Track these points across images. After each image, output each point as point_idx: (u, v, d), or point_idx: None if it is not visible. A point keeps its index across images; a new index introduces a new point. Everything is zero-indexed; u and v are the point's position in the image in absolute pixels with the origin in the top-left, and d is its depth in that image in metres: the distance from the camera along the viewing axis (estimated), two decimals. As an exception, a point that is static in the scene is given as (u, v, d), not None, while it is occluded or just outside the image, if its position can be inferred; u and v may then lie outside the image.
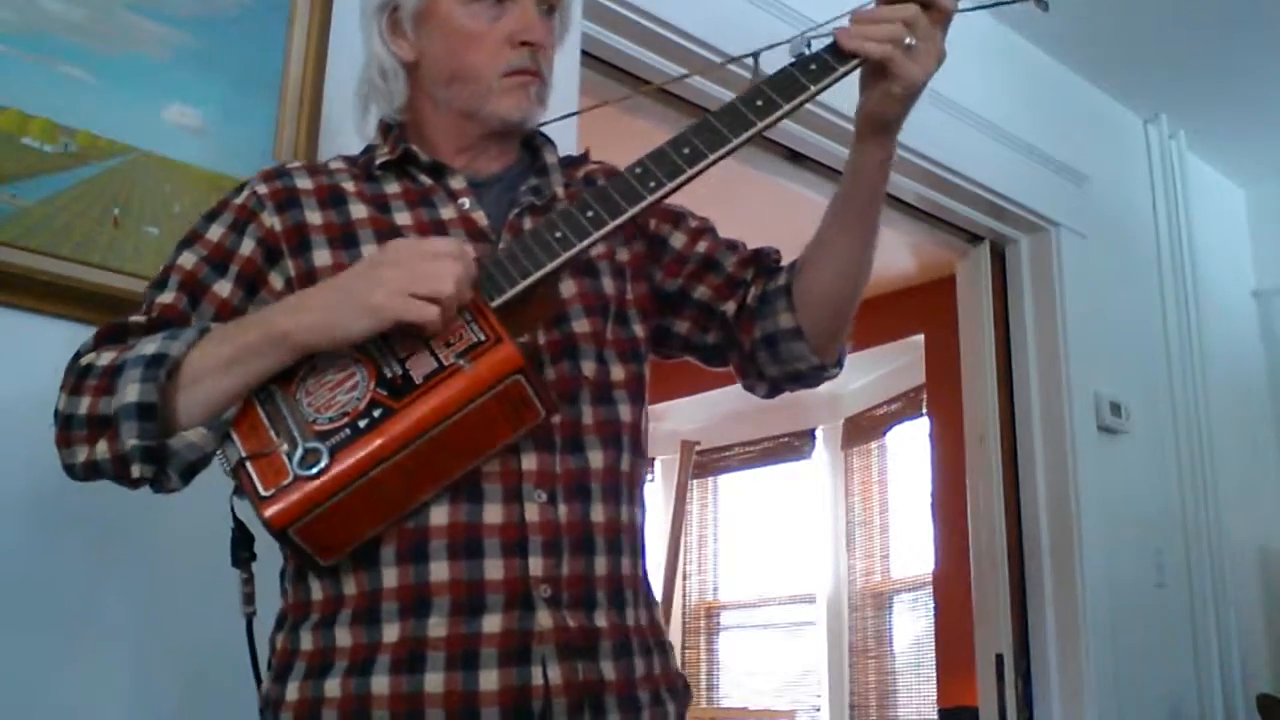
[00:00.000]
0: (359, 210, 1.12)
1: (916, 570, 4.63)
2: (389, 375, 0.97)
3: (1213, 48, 3.05)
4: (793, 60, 1.09)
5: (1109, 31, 3.00)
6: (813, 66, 1.08)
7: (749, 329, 1.21)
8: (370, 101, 1.22)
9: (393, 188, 1.15)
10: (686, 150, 1.06)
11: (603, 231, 1.03)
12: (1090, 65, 3.17)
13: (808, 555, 5.33)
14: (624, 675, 1.05)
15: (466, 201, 1.14)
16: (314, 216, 1.11)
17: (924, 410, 4.50)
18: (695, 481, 5.71)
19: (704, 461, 5.74)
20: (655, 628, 1.13)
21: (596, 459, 1.09)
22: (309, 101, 1.60)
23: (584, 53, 2.02)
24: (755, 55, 1.15)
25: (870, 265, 1.19)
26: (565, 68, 1.94)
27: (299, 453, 0.94)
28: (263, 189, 1.13)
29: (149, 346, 0.99)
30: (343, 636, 1.01)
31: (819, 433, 5.39)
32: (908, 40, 1.05)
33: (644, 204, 1.04)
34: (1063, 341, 2.93)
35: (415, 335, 0.97)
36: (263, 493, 0.93)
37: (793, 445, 5.50)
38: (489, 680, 0.98)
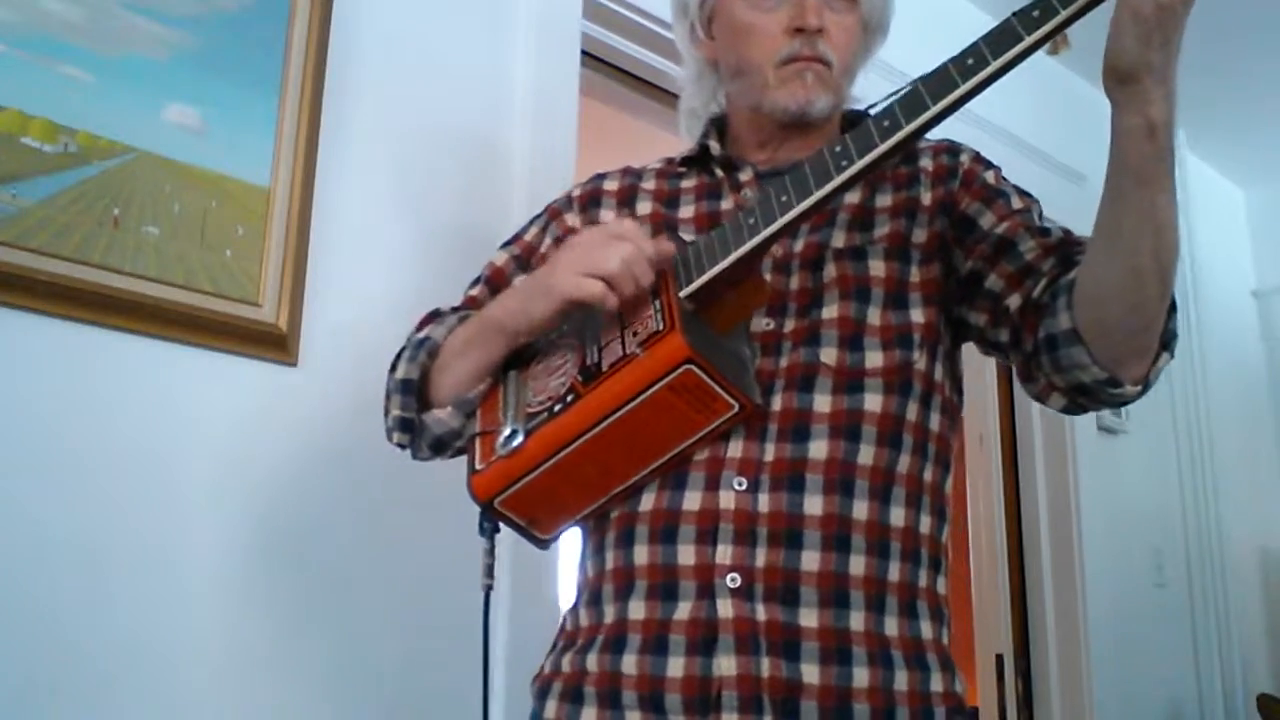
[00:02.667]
0: (645, 206, 1.19)
1: (916, 570, 4.63)
2: (589, 363, 1.01)
3: (1213, 48, 3.05)
4: (1016, 10, 0.93)
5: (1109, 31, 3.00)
6: (1035, 13, 0.91)
7: (1032, 327, 1.04)
8: (694, 114, 1.26)
9: (689, 182, 1.20)
10: (887, 123, 0.96)
11: (789, 216, 0.98)
12: (1090, 65, 3.15)
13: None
14: (834, 682, 0.97)
15: (749, 192, 1.15)
16: (609, 215, 1.19)
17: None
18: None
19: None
20: (915, 642, 1.02)
21: (820, 449, 1.02)
22: (309, 101, 1.60)
23: (584, 53, 2.02)
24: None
25: (1167, 261, 0.95)
26: (565, 69, 1.95)
27: (506, 432, 1.01)
28: (576, 191, 1.24)
29: (425, 331, 1.14)
30: (583, 616, 1.09)
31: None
32: None
33: (832, 185, 0.97)
34: (1063, 341, 2.93)
35: (618, 321, 1.01)
36: (475, 466, 1.03)
37: (793, 445, 5.49)
38: (675, 667, 0.99)
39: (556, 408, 1.00)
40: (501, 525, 1.07)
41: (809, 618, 0.99)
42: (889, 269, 1.10)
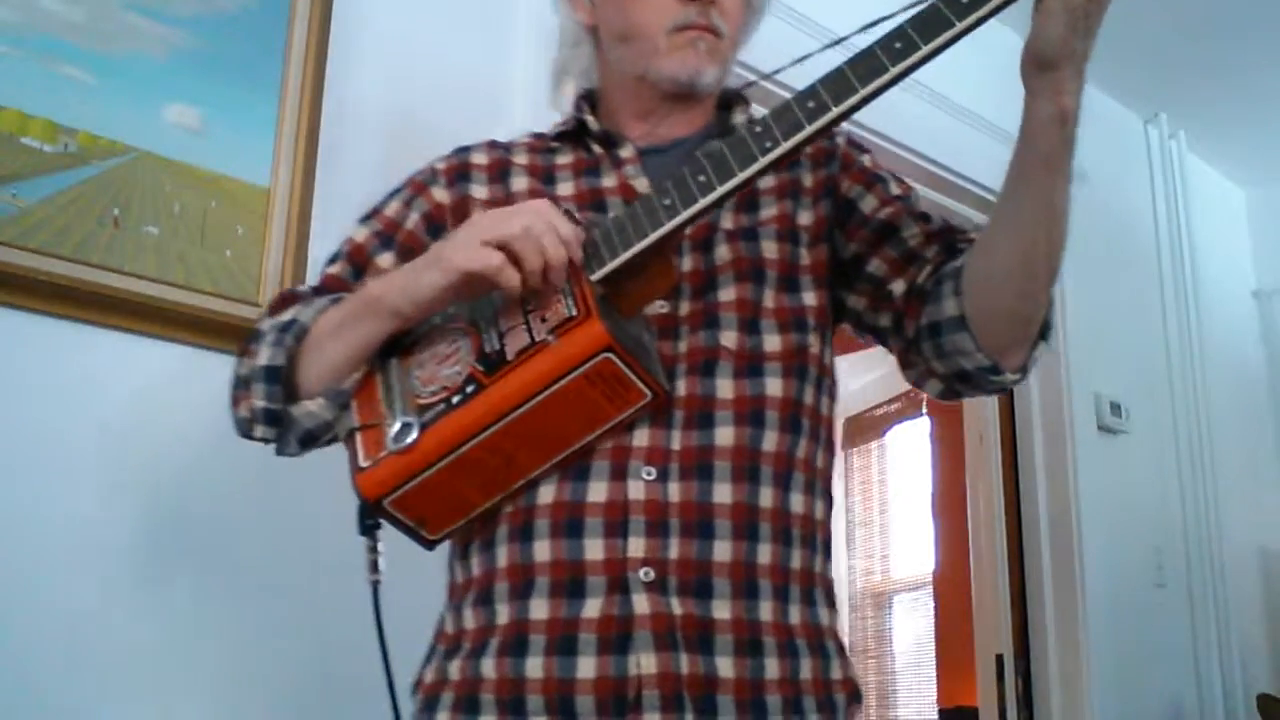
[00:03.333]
0: (520, 182, 1.12)
1: (916, 570, 4.63)
2: (487, 350, 0.95)
3: (1212, 48, 3.05)
4: None
5: (1109, 32, 2.99)
6: None
7: (915, 313, 1.05)
8: (566, 73, 1.20)
9: (565, 158, 1.14)
10: (811, 104, 0.93)
11: (709, 199, 0.94)
12: (1090, 65, 3.16)
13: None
14: (747, 674, 0.95)
15: (631, 169, 1.10)
16: (480, 190, 1.12)
17: (924, 410, 4.49)
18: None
19: (704, 461, 5.73)
20: (813, 628, 1.02)
21: (726, 436, 0.99)
22: (309, 101, 1.60)
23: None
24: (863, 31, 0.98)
25: (1054, 251, 0.98)
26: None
27: (396, 426, 0.93)
28: (441, 165, 1.15)
29: (289, 313, 1.02)
30: (469, 618, 1.01)
31: (819, 433, 5.38)
32: None
33: (756, 167, 0.94)
34: (1063, 341, 2.93)
35: (519, 307, 0.95)
36: (360, 464, 0.94)
37: (793, 445, 5.49)
38: (586, 668, 0.93)
39: (455, 399, 0.92)
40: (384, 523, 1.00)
41: (722, 610, 0.96)
42: (781, 251, 1.08)
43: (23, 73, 1.37)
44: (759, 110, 1.10)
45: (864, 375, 4.93)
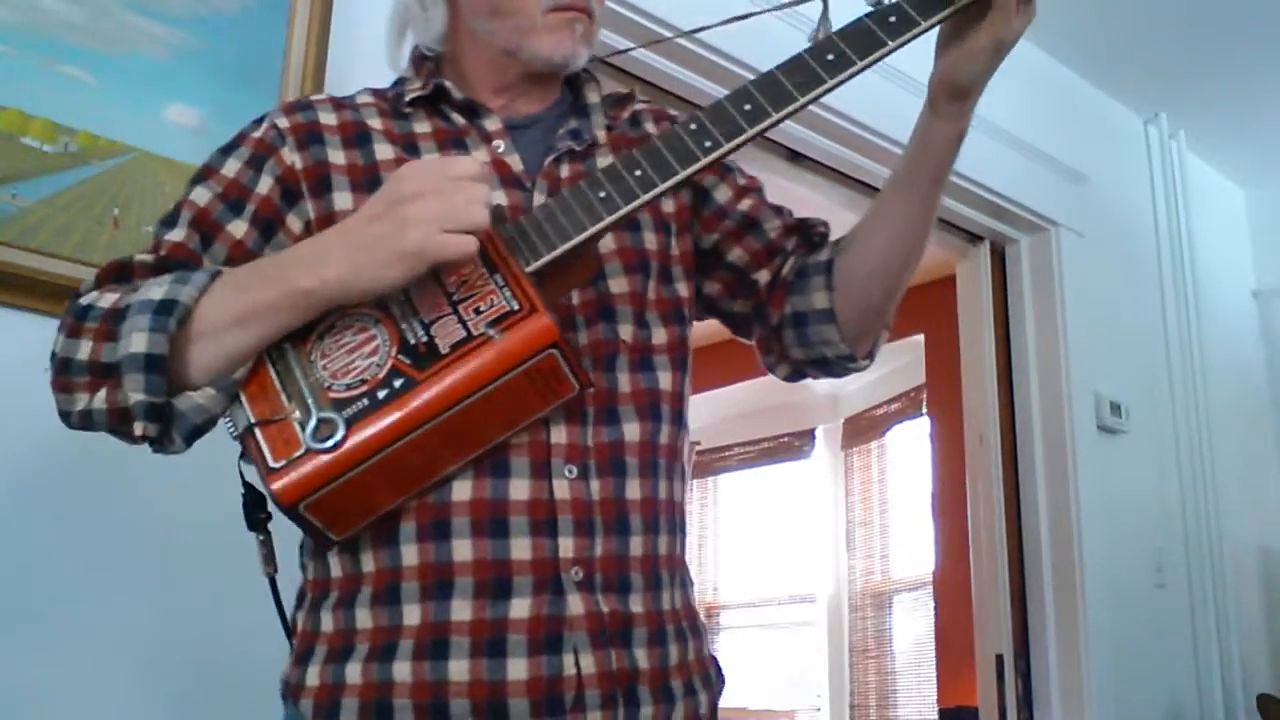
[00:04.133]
0: (385, 150, 1.04)
1: (916, 570, 4.63)
2: (412, 341, 0.89)
3: (1213, 48, 3.05)
4: (869, 10, 0.99)
5: (1109, 31, 3.00)
6: (892, 19, 0.98)
7: (780, 302, 1.11)
8: (405, 30, 1.14)
9: (423, 126, 1.07)
10: (748, 107, 0.96)
11: (650, 195, 0.94)
12: (1090, 65, 3.17)
13: (808, 555, 5.33)
14: (658, 664, 0.97)
15: (501, 144, 1.06)
16: (336, 156, 1.03)
17: (924, 410, 4.50)
18: (695, 481, 5.71)
19: (704, 461, 5.75)
20: (690, 611, 1.04)
21: (633, 431, 1.00)
22: (309, 101, 1.60)
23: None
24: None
25: (921, 253, 1.09)
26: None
27: (313, 423, 0.86)
28: (283, 122, 1.05)
29: (156, 290, 0.89)
30: (363, 618, 0.94)
31: (819, 432, 5.39)
32: None
33: (698, 165, 0.95)
34: (1063, 341, 2.93)
35: (443, 291, 0.90)
36: (272, 464, 0.85)
37: (793, 445, 5.50)
38: (517, 669, 0.91)
39: (381, 394, 0.86)
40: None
41: (637, 603, 0.97)
42: (658, 241, 1.09)
43: (23, 73, 1.37)
44: (611, 87, 1.15)
45: (864, 376, 4.94)
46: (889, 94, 2.44)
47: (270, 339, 0.90)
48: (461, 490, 0.93)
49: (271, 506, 0.90)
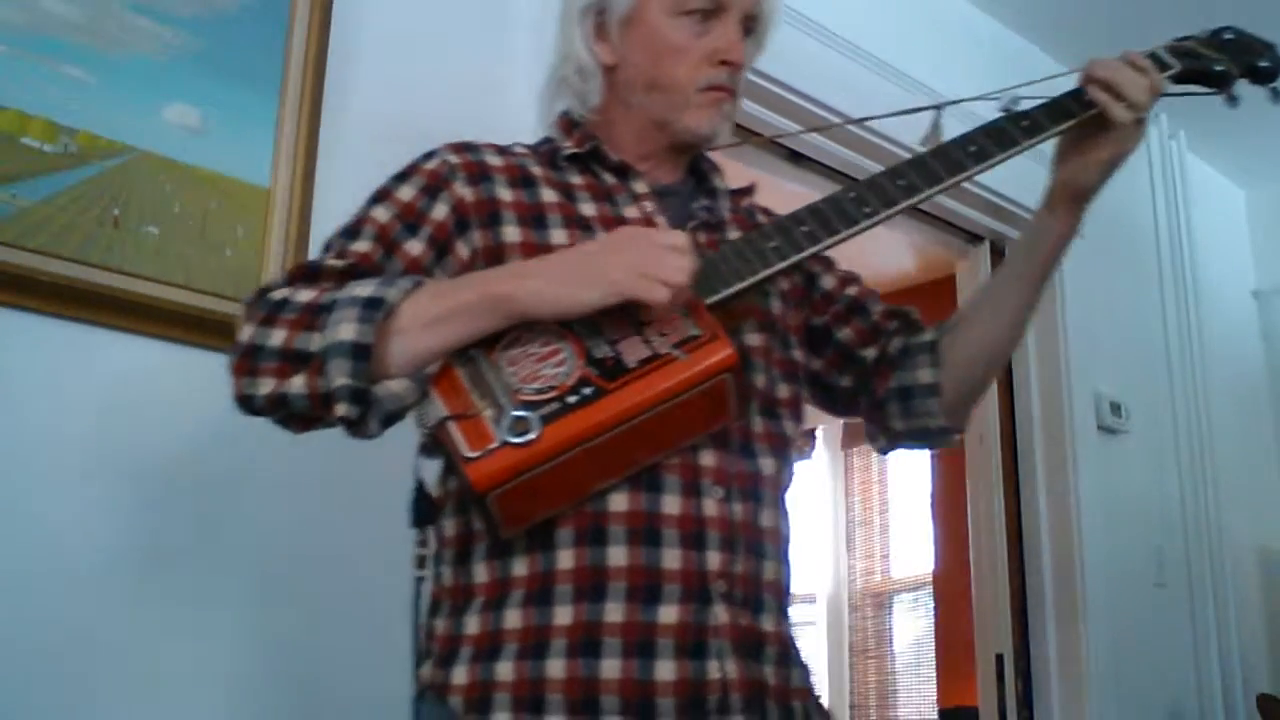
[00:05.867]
0: (548, 194, 1.14)
1: (916, 570, 4.63)
2: (599, 356, 0.97)
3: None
4: (1001, 114, 1.17)
5: (1109, 31, 3.00)
6: (1024, 123, 1.14)
7: (885, 378, 1.23)
8: (558, 96, 1.24)
9: (576, 179, 1.17)
10: (902, 182, 1.11)
11: (815, 248, 1.07)
12: (1081, 58, 3.17)
13: (808, 555, 5.33)
14: (782, 682, 1.06)
15: (649, 205, 1.16)
16: (504, 193, 1.12)
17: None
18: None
19: (704, 461, 5.73)
20: (796, 642, 1.12)
21: (766, 466, 1.10)
22: (309, 101, 1.60)
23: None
24: (939, 107, 1.29)
25: (1022, 337, 1.23)
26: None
27: (507, 419, 0.93)
28: (454, 159, 1.14)
29: (363, 289, 0.97)
30: (512, 619, 1.01)
31: (819, 433, 5.39)
32: (1144, 114, 1.12)
33: (859, 227, 1.08)
34: (1063, 341, 2.93)
35: (629, 320, 0.98)
36: (467, 454, 0.93)
37: (793, 445, 5.49)
38: (665, 670, 0.98)
39: (571, 399, 0.95)
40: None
41: (767, 622, 1.06)
42: (779, 308, 1.20)
43: (23, 73, 1.37)
44: (723, 170, 1.27)
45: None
46: (889, 94, 2.44)
47: (463, 340, 0.98)
48: (618, 502, 1.01)
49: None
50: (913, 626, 4.69)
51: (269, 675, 1.48)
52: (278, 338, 0.97)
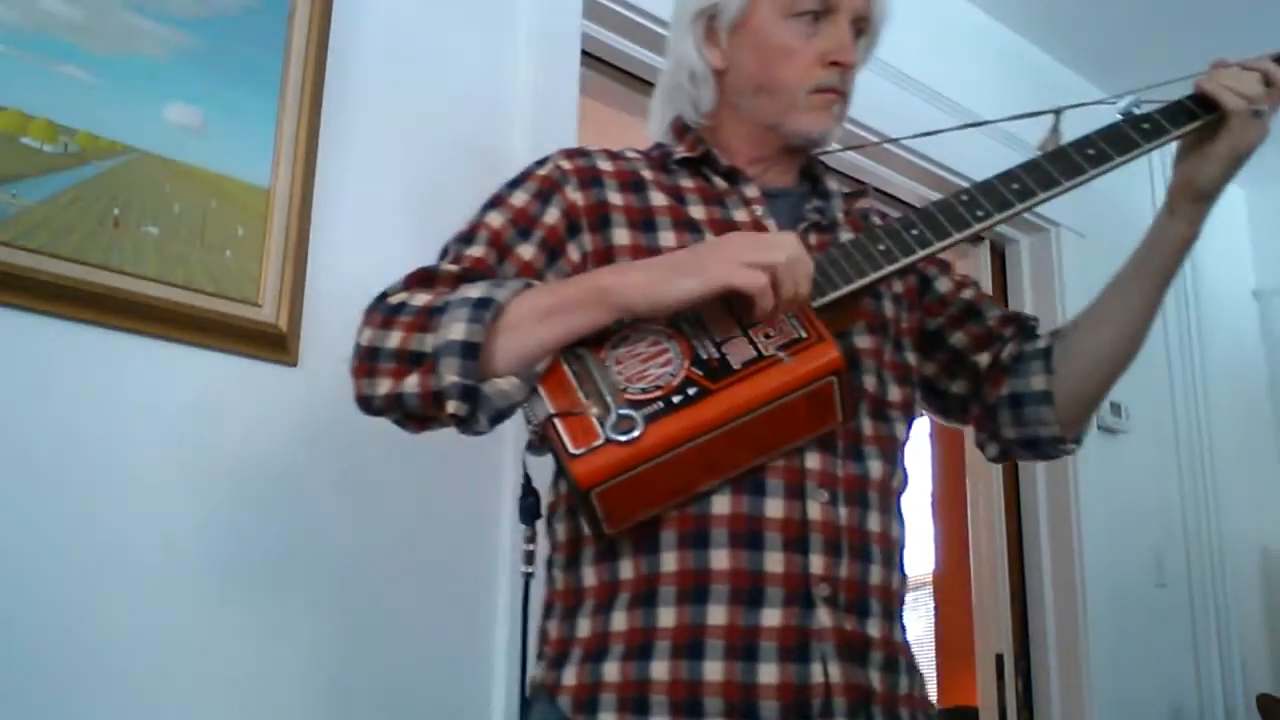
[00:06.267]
0: (658, 198, 1.14)
1: (916, 570, 4.63)
2: (704, 356, 0.97)
3: (1213, 48, 3.04)
4: (1121, 118, 1.15)
5: (1109, 31, 3.00)
6: (1145, 125, 1.12)
7: (998, 384, 1.22)
8: (671, 102, 1.24)
9: (687, 183, 1.17)
10: (1016, 186, 1.09)
11: (925, 252, 1.06)
12: (1091, 65, 3.17)
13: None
14: (889, 689, 1.05)
15: (759, 209, 1.15)
16: (615, 197, 1.13)
17: (923, 410, 4.49)
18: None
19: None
20: (909, 647, 1.12)
21: (875, 469, 1.09)
22: (309, 101, 1.60)
23: (584, 53, 2.02)
24: (1058, 111, 1.28)
25: (1140, 346, 1.18)
26: (565, 69, 1.95)
27: (612, 417, 0.94)
28: (566, 164, 1.16)
29: (474, 291, 0.99)
30: (618, 621, 1.02)
31: (819, 433, 5.38)
32: (1262, 106, 1.10)
33: (970, 230, 1.07)
34: (1063, 341, 2.93)
35: (736, 320, 0.98)
36: (572, 450, 0.94)
37: (793, 445, 5.48)
38: (768, 674, 0.98)
39: (676, 399, 0.95)
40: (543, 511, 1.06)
41: (874, 628, 1.05)
42: (893, 311, 1.19)
43: (23, 73, 1.36)
44: (836, 173, 1.26)
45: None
46: (890, 95, 2.44)
47: (569, 336, 0.99)
48: (721, 504, 1.01)
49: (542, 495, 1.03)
50: (913, 626, 4.67)
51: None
52: (394, 340, 1.00)
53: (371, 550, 1.57)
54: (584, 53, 2.01)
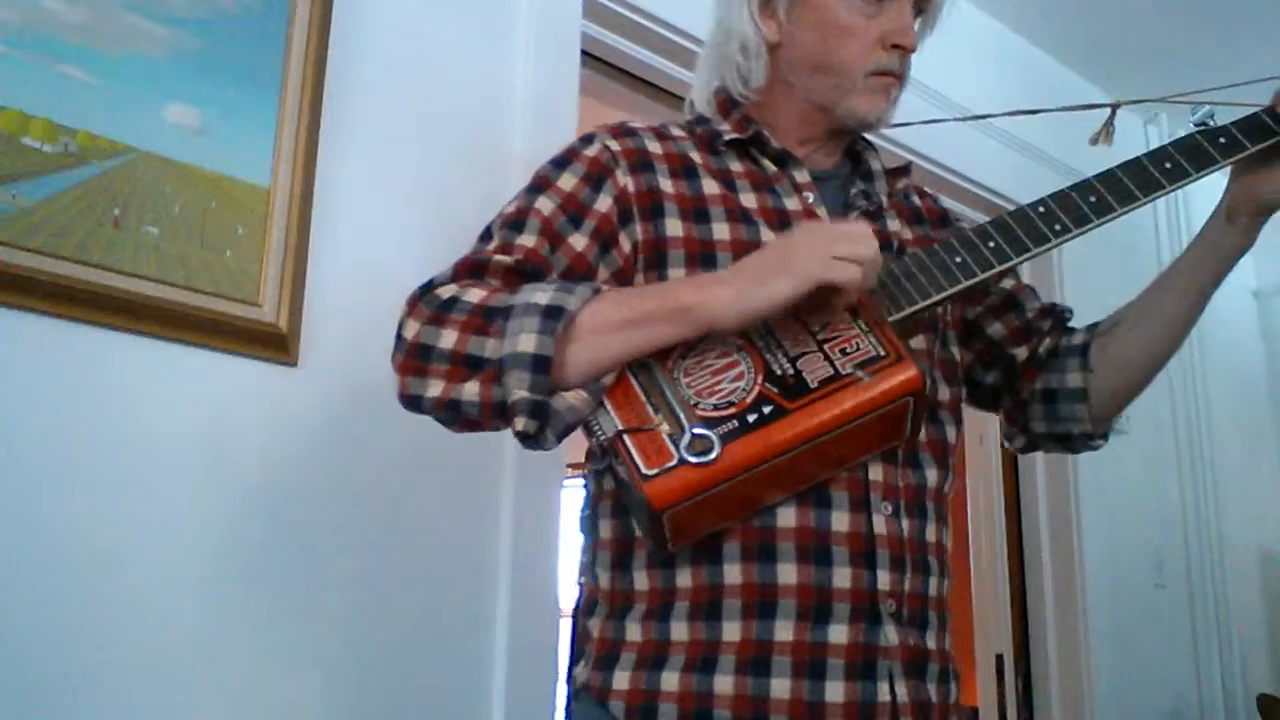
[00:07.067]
0: (710, 186, 1.09)
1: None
2: (779, 372, 0.94)
3: (1213, 47, 3.05)
4: (1196, 129, 1.12)
5: (1109, 31, 3.00)
6: (1222, 140, 1.10)
7: (1032, 378, 1.20)
8: (716, 71, 1.18)
9: (736, 166, 1.13)
10: (1093, 199, 1.07)
11: (1003, 266, 1.03)
12: (1090, 65, 3.17)
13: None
14: (944, 699, 1.04)
15: (811, 196, 1.12)
16: (666, 184, 1.08)
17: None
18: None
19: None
20: (953, 656, 1.10)
21: (932, 477, 1.07)
22: (309, 101, 1.60)
23: (584, 53, 2.02)
24: (1114, 106, 1.22)
25: (1179, 347, 1.17)
26: (565, 69, 1.95)
27: (686, 437, 0.90)
28: (615, 145, 1.10)
29: (540, 295, 0.93)
30: (679, 630, 0.99)
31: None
32: None
33: (1048, 246, 1.05)
34: (1063, 341, 2.93)
35: (808, 332, 0.95)
36: (645, 471, 0.90)
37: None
38: (835, 692, 0.96)
39: (751, 417, 0.91)
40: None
41: (931, 640, 1.04)
42: (941, 306, 1.14)
43: (23, 73, 1.36)
44: (880, 151, 1.22)
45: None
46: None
47: (643, 350, 0.94)
48: (786, 517, 0.98)
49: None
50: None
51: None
52: (449, 339, 0.94)
53: (371, 550, 1.56)
54: (584, 53, 2.01)
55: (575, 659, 1.07)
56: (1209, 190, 1.19)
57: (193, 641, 1.39)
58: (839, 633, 0.97)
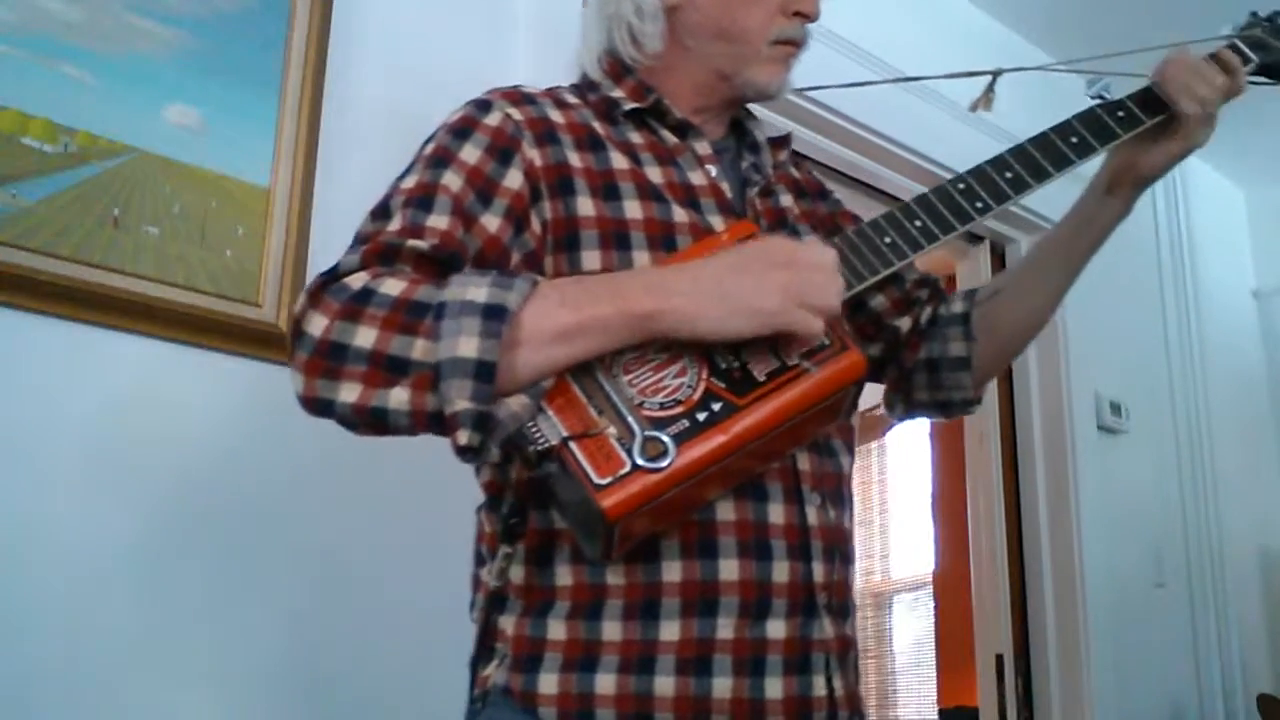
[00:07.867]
0: (619, 160, 1.04)
1: (916, 570, 4.63)
2: (724, 366, 0.90)
3: (1212, 47, 3.05)
4: (1096, 102, 1.16)
5: (1108, 32, 3.00)
6: (1120, 114, 1.15)
7: (915, 349, 1.20)
8: (605, 33, 1.12)
9: (635, 138, 1.07)
10: (1009, 174, 1.11)
11: (931, 246, 1.06)
12: (1091, 65, 3.17)
13: (808, 555, 5.31)
14: (855, 688, 1.03)
15: (714, 169, 1.08)
16: (574, 158, 1.02)
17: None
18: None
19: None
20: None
21: (845, 464, 1.06)
22: (309, 101, 1.60)
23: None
24: (995, 74, 1.20)
25: (1053, 315, 1.23)
26: (565, 69, 1.95)
27: (638, 441, 0.85)
28: (517, 114, 1.03)
29: (475, 291, 0.84)
30: (611, 630, 0.93)
31: (819, 433, 5.38)
32: (1214, 109, 1.13)
33: (971, 221, 1.08)
34: (1063, 341, 2.93)
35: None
36: (597, 480, 0.83)
37: (793, 445, 5.48)
38: (774, 688, 0.94)
39: (700, 415, 0.87)
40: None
41: (850, 629, 1.03)
42: None
43: (23, 73, 1.37)
44: (763, 121, 1.20)
45: (864, 375, 4.93)
46: (890, 95, 2.44)
47: (592, 356, 0.88)
48: (724, 510, 0.95)
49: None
50: (913, 626, 4.69)
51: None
52: (366, 337, 0.84)
53: (371, 550, 1.56)
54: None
55: (480, 658, 0.99)
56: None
57: (193, 641, 1.39)
58: (777, 628, 0.94)
